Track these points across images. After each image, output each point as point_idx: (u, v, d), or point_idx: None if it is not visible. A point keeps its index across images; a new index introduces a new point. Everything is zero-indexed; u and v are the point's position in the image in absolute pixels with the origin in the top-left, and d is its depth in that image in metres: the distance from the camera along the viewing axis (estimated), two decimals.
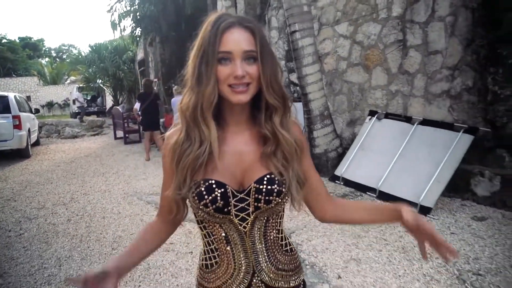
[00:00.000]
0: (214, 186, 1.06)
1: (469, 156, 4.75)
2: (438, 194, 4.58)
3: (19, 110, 10.39)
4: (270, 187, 1.08)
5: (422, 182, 4.68)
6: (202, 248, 1.21)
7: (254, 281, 1.14)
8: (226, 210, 1.08)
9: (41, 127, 15.49)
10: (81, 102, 25.25)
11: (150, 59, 18.10)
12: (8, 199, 6.36)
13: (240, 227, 1.11)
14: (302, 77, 6.27)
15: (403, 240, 3.86)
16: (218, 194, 1.06)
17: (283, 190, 1.10)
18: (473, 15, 4.87)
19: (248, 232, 1.12)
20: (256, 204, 1.09)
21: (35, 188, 7.05)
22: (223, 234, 1.12)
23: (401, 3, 5.75)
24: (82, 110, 24.21)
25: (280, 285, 1.16)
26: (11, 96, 10.55)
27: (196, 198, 1.07)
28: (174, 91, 9.61)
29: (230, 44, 1.02)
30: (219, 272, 1.15)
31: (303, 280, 1.25)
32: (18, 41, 48.73)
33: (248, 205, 1.09)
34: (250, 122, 1.15)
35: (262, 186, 1.08)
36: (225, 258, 1.14)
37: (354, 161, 5.86)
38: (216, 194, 1.06)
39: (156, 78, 15.92)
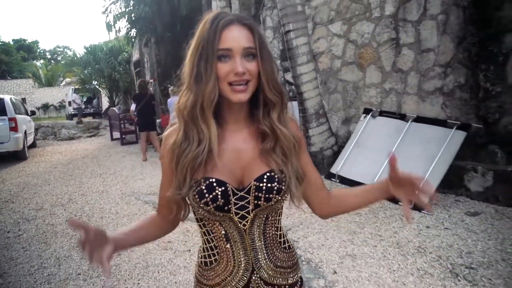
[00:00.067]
0: (215, 185, 1.06)
1: (462, 152, 4.81)
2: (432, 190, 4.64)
3: (15, 112, 10.38)
4: (270, 185, 1.08)
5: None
6: (201, 245, 1.21)
7: (253, 278, 1.14)
8: (226, 208, 1.08)
9: (37, 129, 15.46)
10: (78, 104, 25.17)
11: (146, 60, 18.07)
12: (6, 201, 6.38)
13: (239, 225, 1.11)
14: (297, 76, 6.32)
15: (398, 235, 3.92)
16: (219, 193, 1.06)
17: (283, 187, 1.10)
18: (464, 13, 4.92)
19: (247, 229, 1.12)
20: (256, 202, 1.09)
21: (33, 189, 7.07)
22: (223, 232, 1.12)
23: (393, 2, 5.79)
24: (79, 112, 24.15)
25: (278, 282, 1.17)
26: (7, 98, 10.54)
27: (196, 196, 1.06)
28: (170, 92, 9.63)
29: (230, 41, 1.02)
30: (218, 269, 1.15)
31: (301, 276, 1.26)
32: (12, 43, 48.45)
33: (248, 203, 1.10)
34: (249, 119, 1.15)
35: (262, 184, 1.08)
36: (224, 255, 1.14)
37: (349, 158, 5.91)
38: (216, 192, 1.06)
39: (152, 79, 15.91)
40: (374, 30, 6.17)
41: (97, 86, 25.44)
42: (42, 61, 50.09)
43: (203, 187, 1.06)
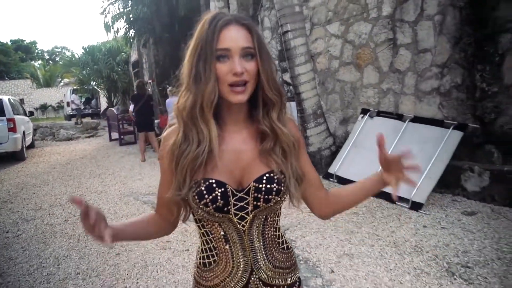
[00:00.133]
0: (215, 186, 1.06)
1: (459, 152, 4.84)
2: (430, 190, 4.66)
3: (14, 113, 10.38)
4: (269, 186, 1.08)
5: (414, 178, 4.75)
6: (199, 246, 1.21)
7: (252, 279, 1.14)
8: (226, 209, 1.08)
9: (35, 130, 15.44)
10: (77, 104, 25.17)
11: (144, 61, 18.06)
12: (4, 201, 6.39)
13: (239, 226, 1.11)
14: (295, 76, 6.34)
15: (395, 235, 3.94)
16: (219, 194, 1.06)
17: (282, 188, 1.10)
18: (460, 14, 4.95)
19: (246, 230, 1.12)
20: (255, 203, 1.09)
21: (32, 190, 7.08)
22: (222, 233, 1.12)
23: (390, 3, 5.83)
24: (78, 112, 24.15)
25: (277, 282, 1.17)
26: (5, 99, 10.54)
27: (196, 197, 1.06)
28: (169, 92, 9.65)
29: (228, 41, 1.02)
30: (217, 270, 1.15)
31: (299, 277, 1.26)
32: (10, 43, 48.39)
33: (247, 204, 1.09)
34: (248, 120, 1.15)
35: (261, 185, 1.08)
36: (223, 256, 1.14)
37: (347, 158, 5.94)
38: (216, 193, 1.06)
39: (150, 80, 15.92)
40: (371, 31, 6.20)
41: (95, 87, 25.36)
42: (40, 61, 49.93)
43: (203, 188, 1.06)
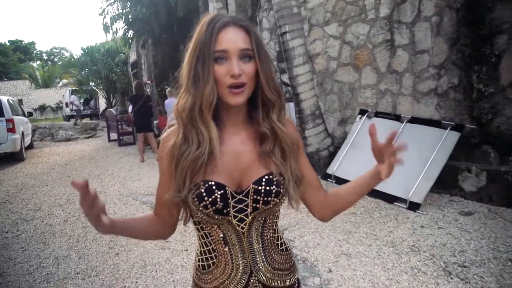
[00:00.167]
0: (214, 188, 1.06)
1: (456, 152, 4.87)
2: (427, 190, 4.69)
3: (12, 114, 10.39)
4: (268, 188, 1.08)
5: (411, 179, 4.78)
6: (198, 249, 1.21)
7: (251, 281, 1.14)
8: (225, 211, 1.08)
9: (34, 131, 15.46)
10: (77, 105, 25.20)
11: (143, 61, 18.08)
12: (3, 202, 6.41)
13: (238, 228, 1.11)
14: (293, 77, 6.36)
15: (392, 235, 3.96)
16: (218, 196, 1.06)
17: (281, 190, 1.10)
18: (457, 15, 4.98)
19: (246, 232, 1.12)
20: (254, 205, 1.09)
21: (31, 190, 7.10)
22: (221, 235, 1.12)
23: (388, 4, 5.86)
24: (78, 113, 24.19)
25: (276, 284, 1.17)
26: (4, 99, 10.55)
27: (196, 199, 1.06)
28: (168, 93, 9.69)
29: (226, 43, 1.02)
30: (217, 272, 1.14)
31: (298, 278, 1.26)
32: (8, 44, 48.29)
33: (246, 206, 1.09)
34: (247, 122, 1.15)
35: (260, 187, 1.08)
36: (222, 258, 1.13)
37: (345, 159, 5.96)
38: (216, 195, 1.05)
39: (149, 80, 15.94)
40: (369, 32, 6.23)
41: (94, 88, 25.39)
42: (38, 62, 49.79)
43: (202, 190, 1.06)
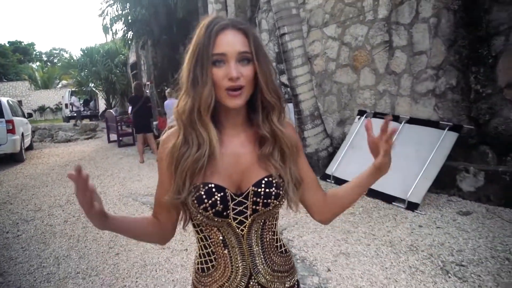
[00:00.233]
0: (214, 190, 1.06)
1: (454, 153, 4.90)
2: (425, 190, 4.71)
3: (12, 115, 10.41)
4: (268, 190, 1.08)
5: (410, 179, 4.80)
6: (197, 251, 1.21)
7: (251, 283, 1.14)
8: (225, 213, 1.07)
9: (34, 132, 15.46)
10: (77, 107, 25.23)
11: (143, 62, 18.12)
12: (4, 202, 6.43)
13: (237, 230, 1.11)
14: (292, 78, 6.39)
15: (391, 234, 3.99)
16: (218, 198, 1.06)
17: (281, 192, 1.10)
18: (454, 17, 5.01)
19: (245, 235, 1.12)
20: (254, 207, 1.09)
21: (31, 191, 7.12)
22: (221, 238, 1.12)
23: (386, 5, 5.89)
24: (78, 114, 24.24)
25: (276, 286, 1.17)
26: (4, 100, 10.58)
27: (195, 202, 1.06)
28: (167, 94, 9.72)
29: (224, 46, 1.02)
30: (216, 275, 1.14)
31: (297, 280, 1.26)
32: (8, 45, 48.28)
33: (246, 208, 1.09)
34: (246, 124, 1.15)
35: (260, 189, 1.08)
36: (222, 261, 1.13)
37: (344, 159, 5.99)
38: (215, 198, 1.05)
39: (148, 81, 15.98)
40: (367, 33, 6.26)
41: (93, 89, 25.42)
42: (38, 63, 49.87)
43: (202, 193, 1.06)
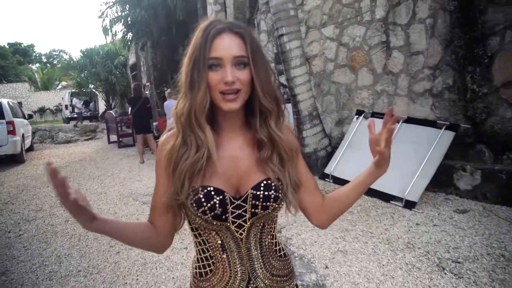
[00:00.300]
0: (213, 193, 1.05)
1: (451, 152, 4.95)
2: (423, 189, 4.76)
3: (13, 116, 10.44)
4: (267, 193, 1.08)
5: (408, 178, 4.85)
6: (195, 256, 1.20)
7: None
8: (224, 217, 1.07)
9: (34, 133, 15.49)
10: (79, 108, 25.29)
11: (142, 64, 18.16)
12: (5, 202, 6.47)
13: (236, 234, 1.10)
14: (291, 78, 6.44)
15: (388, 232, 4.03)
16: (217, 201, 1.05)
17: (280, 195, 1.10)
18: (451, 17, 5.06)
19: (244, 239, 1.11)
20: (253, 210, 1.09)
21: (32, 191, 7.15)
22: (219, 242, 1.11)
23: (383, 6, 5.95)
24: (79, 116, 24.31)
25: None
26: (4, 102, 10.61)
27: (194, 205, 1.05)
28: (167, 95, 9.77)
29: (220, 50, 1.02)
30: (214, 280, 1.13)
31: (296, 284, 1.26)
32: (7, 47, 48.25)
33: (245, 211, 1.09)
34: (244, 127, 1.15)
35: (259, 192, 1.08)
36: (220, 266, 1.13)
37: (342, 159, 6.03)
38: (214, 201, 1.05)
39: (148, 82, 16.03)
40: (365, 34, 6.31)
41: (93, 90, 25.46)
42: (38, 64, 49.97)
43: (201, 196, 1.05)
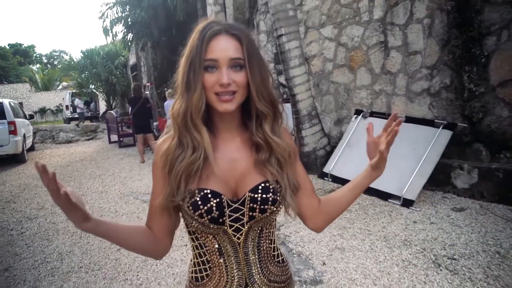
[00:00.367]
0: (210, 196, 1.04)
1: (448, 150, 5.00)
2: (420, 187, 4.80)
3: (14, 116, 10.50)
4: (265, 196, 1.06)
5: (405, 176, 4.89)
6: (191, 260, 1.19)
7: None
8: (221, 220, 1.05)
9: (35, 133, 15.52)
10: (81, 108, 25.35)
11: (142, 64, 18.21)
12: (7, 201, 6.53)
13: (234, 238, 1.09)
14: (290, 78, 6.49)
15: (385, 230, 4.07)
16: (214, 204, 1.04)
17: (278, 198, 1.08)
18: (448, 17, 5.11)
19: (242, 243, 1.10)
20: (251, 213, 1.07)
21: (33, 190, 7.21)
22: (216, 246, 1.09)
23: (381, 7, 5.99)
24: (81, 116, 24.37)
25: None
26: (6, 102, 10.67)
27: (191, 208, 1.04)
28: (167, 95, 9.82)
29: (216, 52, 1.01)
30: (210, 285, 1.12)
31: None
32: (8, 47, 48.32)
33: (242, 215, 1.07)
34: (241, 128, 1.13)
35: (257, 195, 1.06)
36: (217, 270, 1.11)
37: (341, 158, 6.08)
38: (211, 204, 1.04)
39: (149, 83, 16.08)
40: (363, 34, 6.36)
41: (94, 90, 25.50)
42: (38, 65, 49.90)
43: (198, 199, 1.04)
